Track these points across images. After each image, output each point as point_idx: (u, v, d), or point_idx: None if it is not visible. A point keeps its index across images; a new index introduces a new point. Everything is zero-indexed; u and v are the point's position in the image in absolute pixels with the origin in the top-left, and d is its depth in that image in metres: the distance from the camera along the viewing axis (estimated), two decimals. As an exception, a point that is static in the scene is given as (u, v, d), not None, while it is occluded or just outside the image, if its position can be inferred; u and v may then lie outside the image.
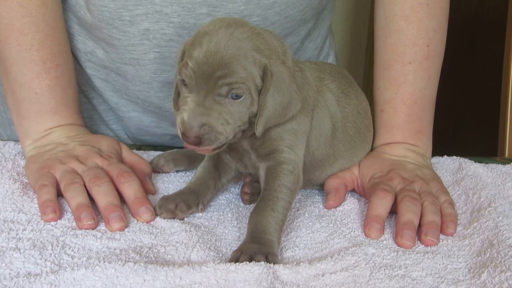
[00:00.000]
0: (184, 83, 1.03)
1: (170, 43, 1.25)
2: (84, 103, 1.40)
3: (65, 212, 1.08)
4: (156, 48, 1.26)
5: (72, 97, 1.27)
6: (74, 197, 1.08)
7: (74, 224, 1.05)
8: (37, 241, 0.99)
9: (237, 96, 1.01)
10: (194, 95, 1.01)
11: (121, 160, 1.20)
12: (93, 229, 1.04)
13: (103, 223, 1.05)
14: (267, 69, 1.03)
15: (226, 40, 1.01)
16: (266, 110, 1.03)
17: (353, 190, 1.25)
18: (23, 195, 1.12)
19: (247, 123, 1.05)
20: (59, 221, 1.05)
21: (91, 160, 1.15)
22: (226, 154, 1.16)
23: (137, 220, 1.07)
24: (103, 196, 1.08)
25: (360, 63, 2.74)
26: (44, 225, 1.04)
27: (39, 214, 1.07)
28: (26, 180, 1.18)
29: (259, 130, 1.04)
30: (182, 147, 1.32)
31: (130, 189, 1.11)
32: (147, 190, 1.17)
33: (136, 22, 1.23)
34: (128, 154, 1.23)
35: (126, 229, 1.04)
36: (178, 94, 1.08)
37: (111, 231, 1.04)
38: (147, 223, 1.07)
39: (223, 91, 1.01)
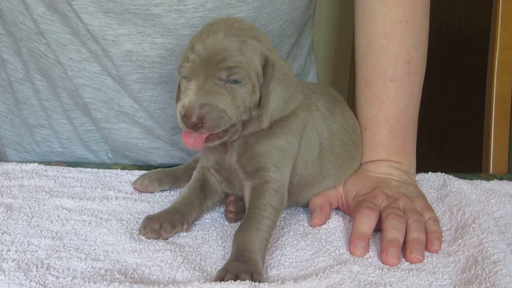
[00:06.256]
0: (185, 78, 1.04)
1: (153, 65, 1.25)
2: (63, 125, 1.39)
3: (50, 232, 1.07)
4: (139, 69, 1.25)
5: None
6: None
7: (57, 244, 1.04)
8: (21, 262, 0.98)
9: (236, 82, 1.02)
10: (194, 80, 1.02)
11: None
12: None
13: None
14: (268, 59, 1.04)
15: (226, 28, 1.03)
16: (270, 102, 1.04)
17: (337, 208, 1.25)
18: (8, 218, 1.11)
19: (248, 111, 1.05)
20: (42, 241, 1.04)
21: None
22: (212, 176, 1.16)
23: None
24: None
25: (345, 80, 2.75)
26: (28, 246, 1.03)
27: (23, 234, 1.06)
28: (11, 200, 1.17)
29: (265, 122, 1.05)
30: (166, 166, 1.32)
31: None
32: None
33: (119, 42, 1.23)
34: None
35: (110, 249, 1.04)
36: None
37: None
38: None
39: (222, 75, 1.01)
